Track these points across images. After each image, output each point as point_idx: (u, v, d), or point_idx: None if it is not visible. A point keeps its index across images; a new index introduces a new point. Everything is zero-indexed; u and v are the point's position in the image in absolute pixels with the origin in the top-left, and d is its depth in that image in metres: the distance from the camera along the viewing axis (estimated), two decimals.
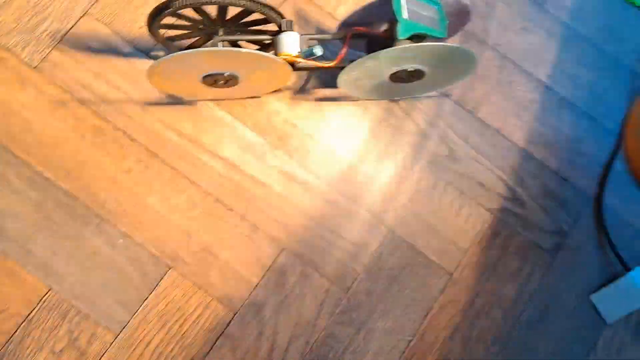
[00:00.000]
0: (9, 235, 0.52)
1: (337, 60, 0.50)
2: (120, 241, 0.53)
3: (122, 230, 0.53)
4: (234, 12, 0.49)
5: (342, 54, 0.50)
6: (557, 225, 0.58)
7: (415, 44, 0.46)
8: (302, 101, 0.58)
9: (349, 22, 0.51)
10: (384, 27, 0.51)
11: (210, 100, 0.57)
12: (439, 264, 0.56)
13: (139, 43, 0.57)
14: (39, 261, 0.52)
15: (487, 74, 0.60)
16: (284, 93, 0.58)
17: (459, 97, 0.59)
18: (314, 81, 0.58)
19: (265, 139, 0.57)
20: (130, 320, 0.52)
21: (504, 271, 0.56)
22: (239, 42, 0.55)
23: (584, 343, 0.56)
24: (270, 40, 0.51)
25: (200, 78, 0.50)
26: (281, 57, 0.48)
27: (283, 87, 0.57)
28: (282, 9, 0.58)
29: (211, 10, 0.48)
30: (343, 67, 0.49)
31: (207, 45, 0.51)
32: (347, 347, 0.54)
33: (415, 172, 0.57)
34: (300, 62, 0.49)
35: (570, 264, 0.57)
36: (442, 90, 0.59)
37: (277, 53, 0.49)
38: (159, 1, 0.46)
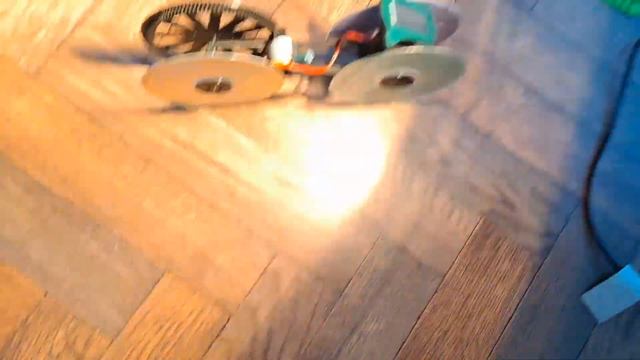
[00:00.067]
0: (6, 240, 0.53)
1: (329, 66, 0.50)
2: (116, 246, 0.54)
3: (118, 235, 0.54)
4: (227, 20, 0.50)
5: (334, 59, 0.50)
6: (547, 227, 0.58)
7: (404, 50, 0.47)
8: (296, 106, 0.59)
9: (341, 29, 0.52)
10: (375, 33, 0.51)
11: (205, 105, 0.57)
12: (431, 266, 0.57)
13: (134, 51, 0.58)
14: (35, 266, 0.53)
15: (476, 78, 0.61)
16: (278, 98, 0.58)
17: (450, 102, 0.60)
18: (307, 87, 0.59)
19: (260, 144, 0.57)
20: (126, 325, 0.52)
21: (495, 273, 0.57)
22: (233, 49, 0.55)
23: (574, 343, 0.56)
24: (264, 47, 0.51)
25: (195, 84, 0.50)
26: (273, 63, 0.49)
27: (277, 93, 0.58)
28: (275, 15, 0.59)
29: (205, 18, 0.49)
30: (335, 73, 0.50)
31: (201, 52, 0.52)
32: (340, 349, 0.54)
33: (406, 176, 0.58)
34: (292, 68, 0.50)
35: (560, 265, 0.58)
36: (432, 94, 0.60)
37: (270, 59, 0.50)
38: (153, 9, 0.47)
